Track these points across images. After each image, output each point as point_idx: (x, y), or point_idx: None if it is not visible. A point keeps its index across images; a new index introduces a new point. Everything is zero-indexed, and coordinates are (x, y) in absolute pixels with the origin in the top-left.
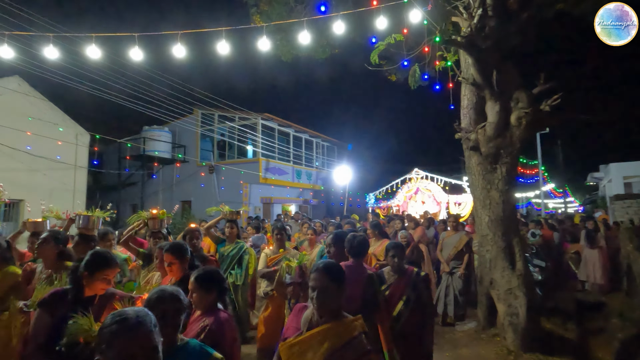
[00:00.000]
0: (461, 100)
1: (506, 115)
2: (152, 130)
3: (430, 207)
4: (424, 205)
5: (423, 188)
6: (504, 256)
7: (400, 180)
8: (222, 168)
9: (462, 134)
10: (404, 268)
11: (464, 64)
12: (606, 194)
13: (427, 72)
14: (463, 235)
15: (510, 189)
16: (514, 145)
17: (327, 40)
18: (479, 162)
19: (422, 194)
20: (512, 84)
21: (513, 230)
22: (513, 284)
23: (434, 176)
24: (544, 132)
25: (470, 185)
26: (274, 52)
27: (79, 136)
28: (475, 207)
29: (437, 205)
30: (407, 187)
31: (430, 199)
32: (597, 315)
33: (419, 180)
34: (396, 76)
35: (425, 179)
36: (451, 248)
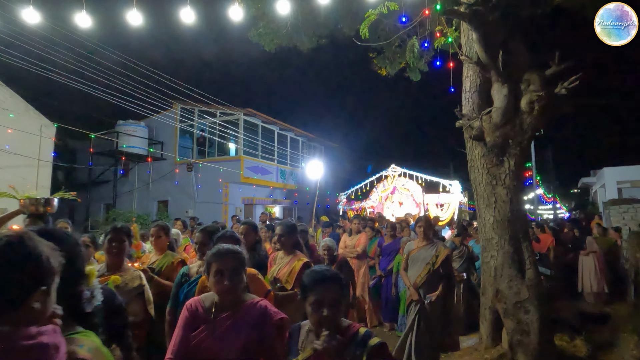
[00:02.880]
0: (463, 82)
1: (515, 100)
2: (127, 125)
3: (409, 208)
4: (402, 207)
5: (401, 187)
6: (511, 263)
7: (376, 178)
8: (200, 165)
9: (463, 122)
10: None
11: (466, 41)
12: (598, 199)
13: (427, 41)
14: (440, 247)
15: (519, 185)
16: (524, 134)
17: (313, 30)
18: (483, 153)
19: (400, 194)
20: (523, 64)
21: (522, 232)
22: (523, 296)
23: (414, 173)
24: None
25: (472, 181)
26: (256, 43)
27: (44, 128)
28: (478, 206)
29: (416, 206)
30: (382, 185)
31: (409, 200)
32: (603, 328)
33: (395, 178)
34: (385, 65)
35: (404, 177)
36: (421, 266)
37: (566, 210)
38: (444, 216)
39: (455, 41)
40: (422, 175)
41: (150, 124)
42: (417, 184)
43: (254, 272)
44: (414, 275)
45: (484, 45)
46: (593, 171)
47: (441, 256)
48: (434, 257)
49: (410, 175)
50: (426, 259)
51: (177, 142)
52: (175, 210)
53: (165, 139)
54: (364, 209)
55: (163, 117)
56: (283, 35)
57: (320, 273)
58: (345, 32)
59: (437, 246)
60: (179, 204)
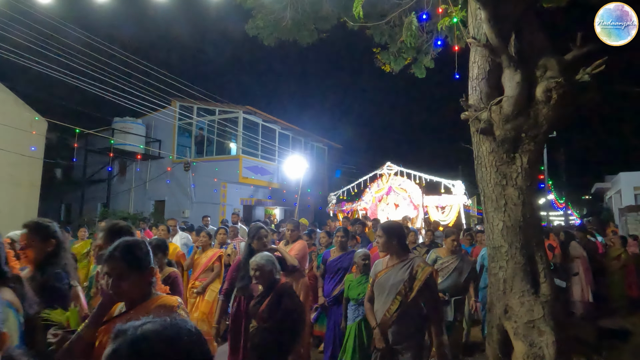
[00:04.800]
0: (469, 68)
1: (530, 88)
2: (124, 122)
3: (406, 211)
4: (398, 210)
5: (397, 187)
6: (523, 275)
7: (369, 177)
8: (193, 163)
9: (469, 113)
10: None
11: (474, 21)
12: (613, 205)
13: (427, 13)
14: (418, 265)
15: (532, 185)
16: (539, 127)
17: (314, 24)
18: (492, 149)
19: (396, 195)
20: (538, 47)
21: (536, 240)
22: (536, 314)
23: (412, 172)
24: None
25: (479, 181)
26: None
27: (34, 123)
28: (486, 209)
29: (414, 209)
30: (376, 185)
31: (405, 201)
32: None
33: (391, 177)
34: (390, 61)
35: (400, 176)
36: (390, 297)
37: (578, 217)
38: (446, 220)
39: (461, 22)
40: (421, 174)
41: (148, 122)
42: (416, 184)
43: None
44: (381, 310)
45: (494, 26)
46: (608, 176)
47: (420, 279)
48: (406, 282)
49: (407, 174)
50: (397, 285)
51: (175, 140)
52: (171, 210)
53: (163, 137)
54: (355, 211)
55: (161, 115)
56: (282, 29)
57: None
58: (348, 26)
59: (412, 264)
60: (175, 204)
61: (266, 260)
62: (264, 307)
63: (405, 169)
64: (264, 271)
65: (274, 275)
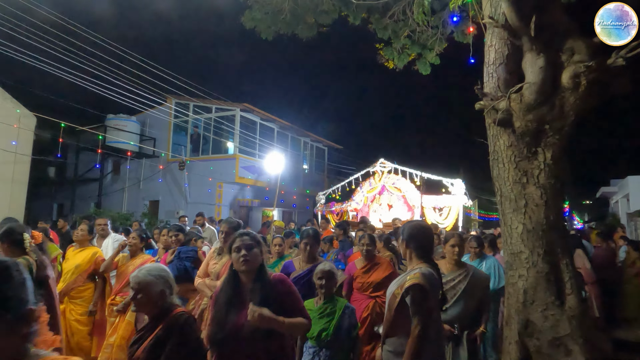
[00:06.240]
0: (485, 53)
1: (554, 74)
2: (118, 119)
3: (400, 212)
4: (392, 210)
5: (390, 186)
6: (547, 285)
7: (361, 175)
8: (187, 162)
9: (485, 102)
10: None
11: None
12: (619, 210)
13: None
14: (404, 280)
15: (556, 183)
16: (565, 118)
17: (314, 18)
18: (511, 143)
19: (389, 195)
20: (563, 29)
21: (561, 246)
22: (562, 331)
23: (407, 170)
24: None
25: (495, 179)
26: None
27: (22, 119)
28: (503, 210)
29: (409, 210)
30: (368, 184)
31: (399, 202)
32: None
33: (384, 176)
34: (393, 56)
35: (394, 174)
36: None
37: (581, 223)
38: (444, 223)
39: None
40: (417, 172)
41: (142, 119)
42: (412, 183)
43: None
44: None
45: (514, 4)
46: (613, 180)
47: (398, 295)
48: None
49: (402, 172)
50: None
51: (171, 139)
52: (166, 210)
53: (158, 135)
54: (345, 212)
55: (156, 112)
56: (281, 22)
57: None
58: (350, 21)
59: (400, 281)
60: (169, 204)
61: (155, 275)
62: (146, 345)
63: (400, 166)
64: (148, 292)
65: (166, 299)
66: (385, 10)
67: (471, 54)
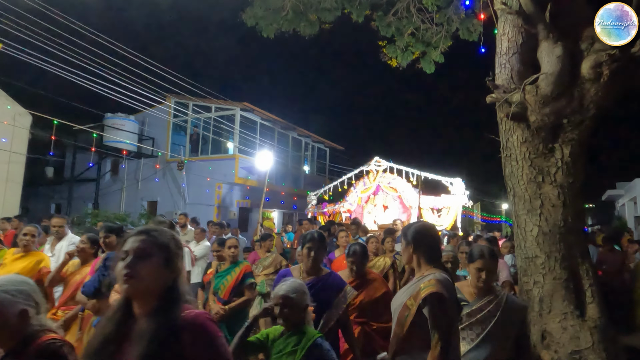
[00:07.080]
0: (497, 42)
1: (573, 64)
2: (115, 119)
3: (396, 213)
4: (387, 212)
5: (386, 186)
6: (565, 293)
7: (354, 174)
8: (185, 162)
9: (497, 95)
10: None
11: None
12: (626, 213)
13: None
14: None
15: (575, 183)
16: (585, 111)
17: (317, 15)
18: (525, 139)
19: (385, 195)
20: (581, 16)
21: (580, 250)
22: (584, 343)
23: (403, 168)
24: None
25: (507, 178)
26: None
27: (18, 117)
28: (516, 211)
29: (405, 211)
30: (362, 184)
31: (395, 202)
32: None
33: (379, 175)
34: (396, 54)
35: (390, 173)
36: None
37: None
38: (443, 224)
39: None
40: (414, 171)
41: (141, 119)
42: (408, 182)
43: None
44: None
45: None
46: (619, 183)
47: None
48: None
49: (398, 171)
50: (397, 310)
51: (170, 138)
52: (164, 211)
53: (156, 135)
54: (338, 213)
55: (155, 112)
56: (282, 19)
57: None
58: (353, 18)
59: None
60: (168, 205)
61: (9, 291)
62: None
63: (395, 164)
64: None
65: (28, 323)
66: (389, 7)
67: (482, 43)
